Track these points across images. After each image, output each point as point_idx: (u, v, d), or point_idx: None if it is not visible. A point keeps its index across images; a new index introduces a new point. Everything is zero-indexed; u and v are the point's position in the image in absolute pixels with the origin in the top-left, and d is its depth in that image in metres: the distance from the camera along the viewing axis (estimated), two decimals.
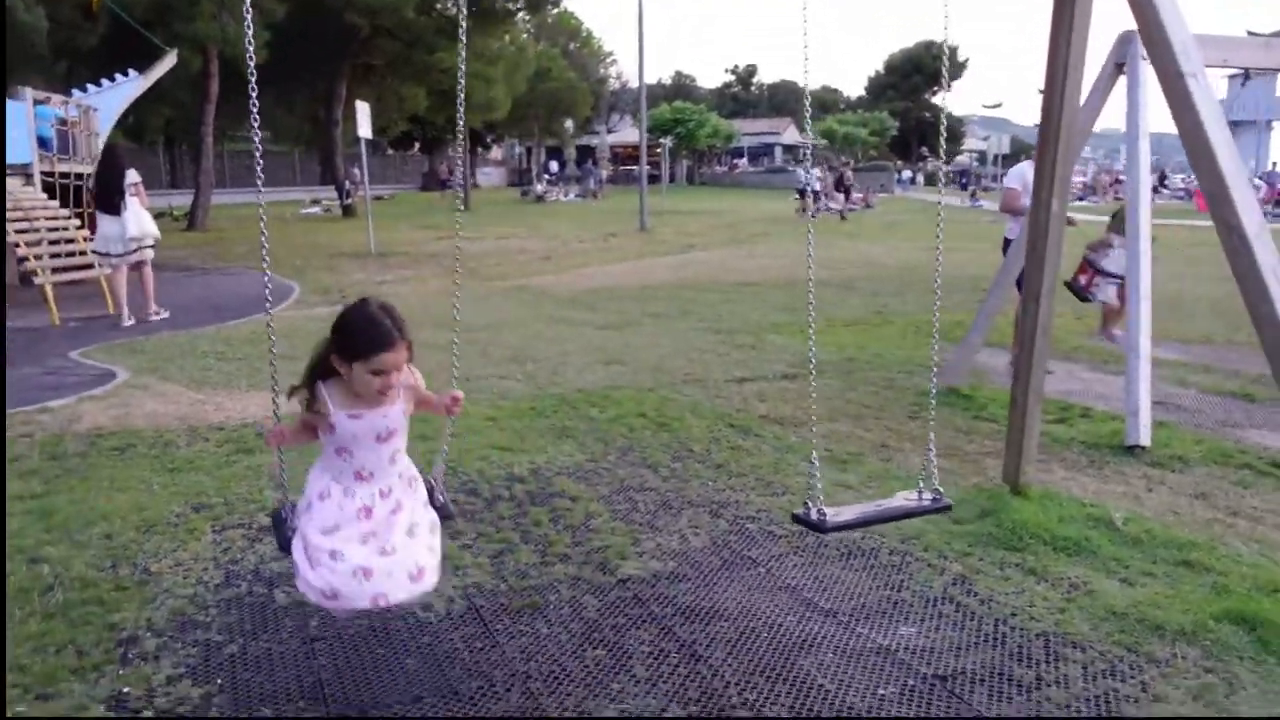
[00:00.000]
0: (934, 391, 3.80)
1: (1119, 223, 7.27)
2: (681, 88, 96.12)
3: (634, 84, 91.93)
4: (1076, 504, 4.46)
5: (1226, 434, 5.84)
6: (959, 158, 78.08)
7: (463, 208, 36.80)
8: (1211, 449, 5.40)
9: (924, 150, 75.26)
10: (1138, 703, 2.86)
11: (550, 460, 5.25)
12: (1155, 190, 50.23)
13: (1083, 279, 7.47)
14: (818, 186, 34.27)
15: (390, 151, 56.08)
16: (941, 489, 3.38)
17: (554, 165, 58.93)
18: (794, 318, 10.46)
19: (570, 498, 4.66)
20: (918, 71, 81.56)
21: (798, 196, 34.70)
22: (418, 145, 57.20)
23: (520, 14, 30.53)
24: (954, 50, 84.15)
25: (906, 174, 57.73)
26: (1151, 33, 3.18)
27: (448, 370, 3.10)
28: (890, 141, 71.55)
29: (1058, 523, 4.17)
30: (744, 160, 70.25)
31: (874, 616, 3.43)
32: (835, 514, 3.19)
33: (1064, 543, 3.99)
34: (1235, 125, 60.08)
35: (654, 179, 63.64)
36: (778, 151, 74.18)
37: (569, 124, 57.49)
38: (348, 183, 31.11)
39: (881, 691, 2.93)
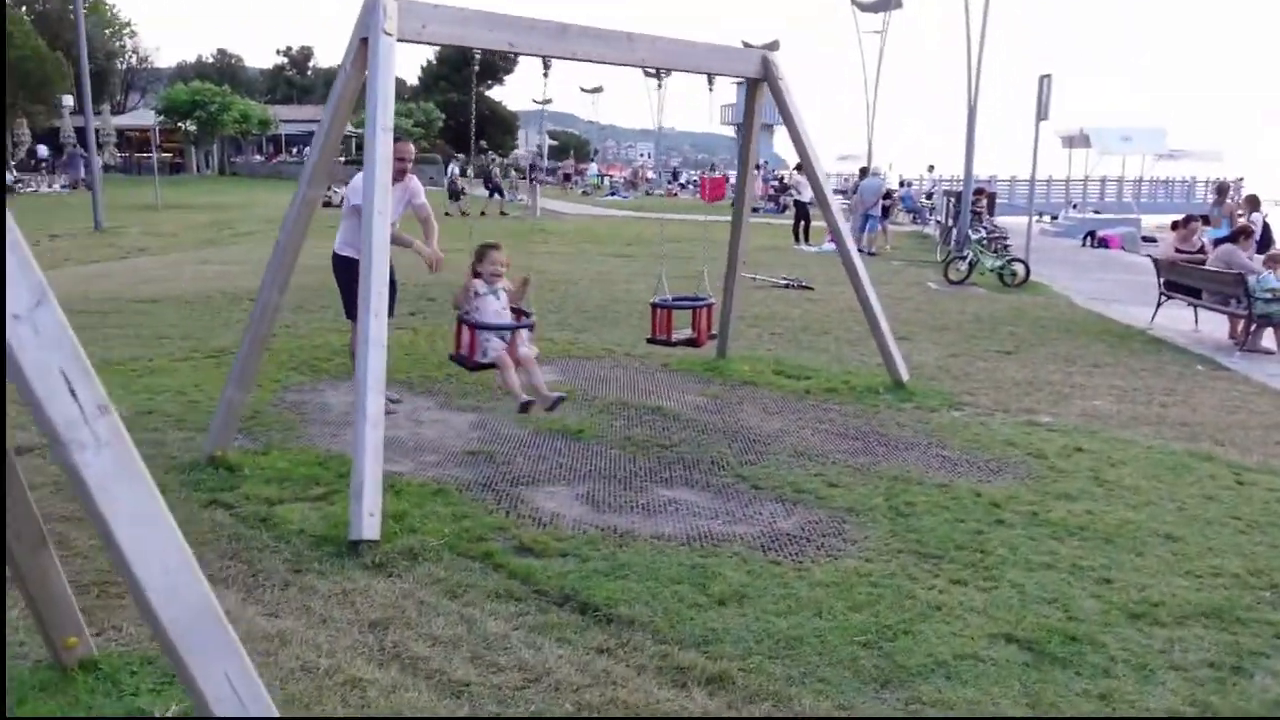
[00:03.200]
0: None
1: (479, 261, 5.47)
2: (226, 68, 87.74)
3: (158, 62, 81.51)
4: (147, 675, 2.96)
5: (483, 509, 4.79)
6: (517, 152, 79.24)
7: None
8: (461, 532, 4.27)
9: (483, 144, 75.55)
10: None
11: None
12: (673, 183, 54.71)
13: (463, 348, 5.34)
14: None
15: None
16: None
17: (43, 150, 50.23)
18: (150, 350, 8.34)
19: None
20: (469, 64, 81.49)
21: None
22: None
23: None
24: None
25: (452, 168, 56.80)
26: None
27: None
28: (441, 134, 70.71)
29: None
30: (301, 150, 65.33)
31: None
32: None
33: None
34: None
35: (178, 168, 56.99)
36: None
37: (69, 101, 49.08)
38: None
39: None
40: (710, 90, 6.47)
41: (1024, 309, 12.03)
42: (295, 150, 65.39)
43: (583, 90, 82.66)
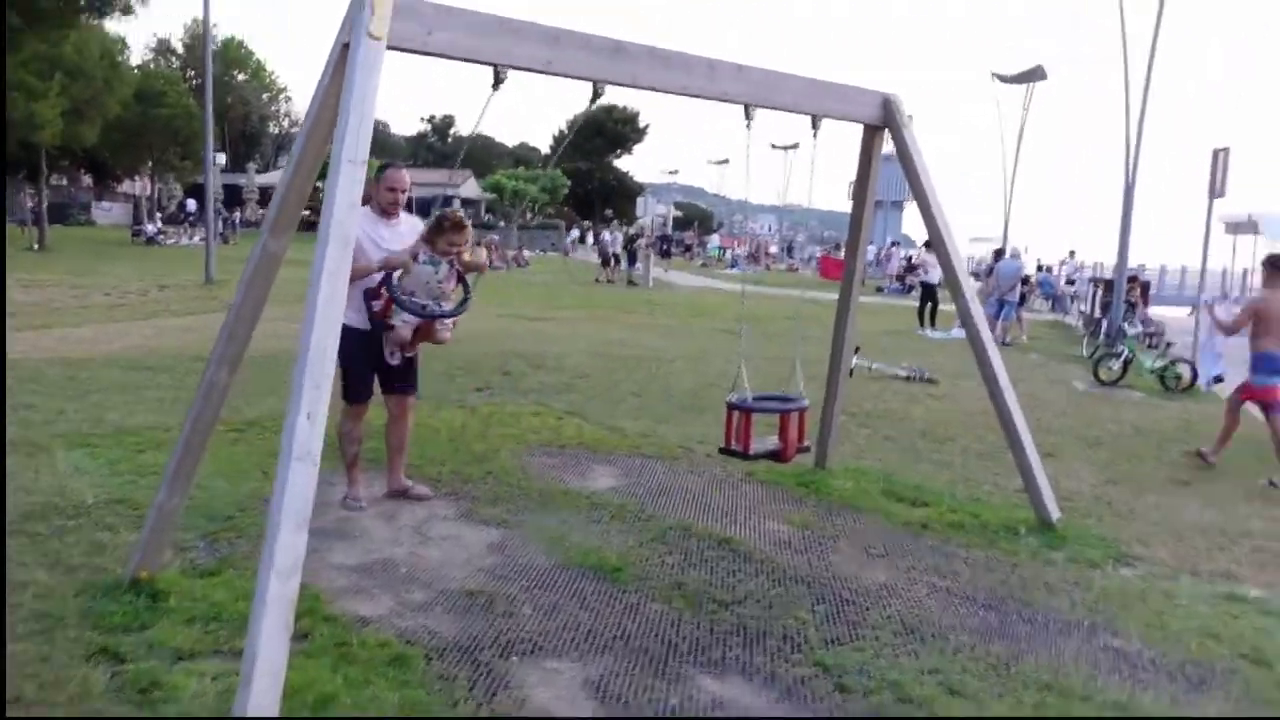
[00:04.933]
0: None
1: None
2: (375, 134, 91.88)
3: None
4: None
5: (446, 697, 3.47)
6: (641, 221, 79.60)
7: (35, 247, 30.82)
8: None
9: (609, 213, 76.17)
10: None
11: None
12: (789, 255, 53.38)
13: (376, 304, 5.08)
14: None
15: None
16: None
17: (191, 204, 52.86)
18: (177, 416, 7.45)
19: None
20: (599, 134, 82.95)
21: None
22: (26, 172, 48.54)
23: (84, 16, 25.48)
24: (634, 116, 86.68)
25: (574, 233, 57.03)
26: None
27: None
28: (567, 201, 71.64)
29: None
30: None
31: None
32: None
33: None
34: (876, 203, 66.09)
35: (313, 225, 59.23)
36: (456, 204, 72.01)
37: (221, 159, 51.93)
38: None
39: None
40: (814, 135, 5.14)
41: (1195, 422, 10.08)
42: (428, 211, 66.97)
43: (710, 163, 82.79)
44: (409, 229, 5.29)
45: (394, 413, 5.52)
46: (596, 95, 4.24)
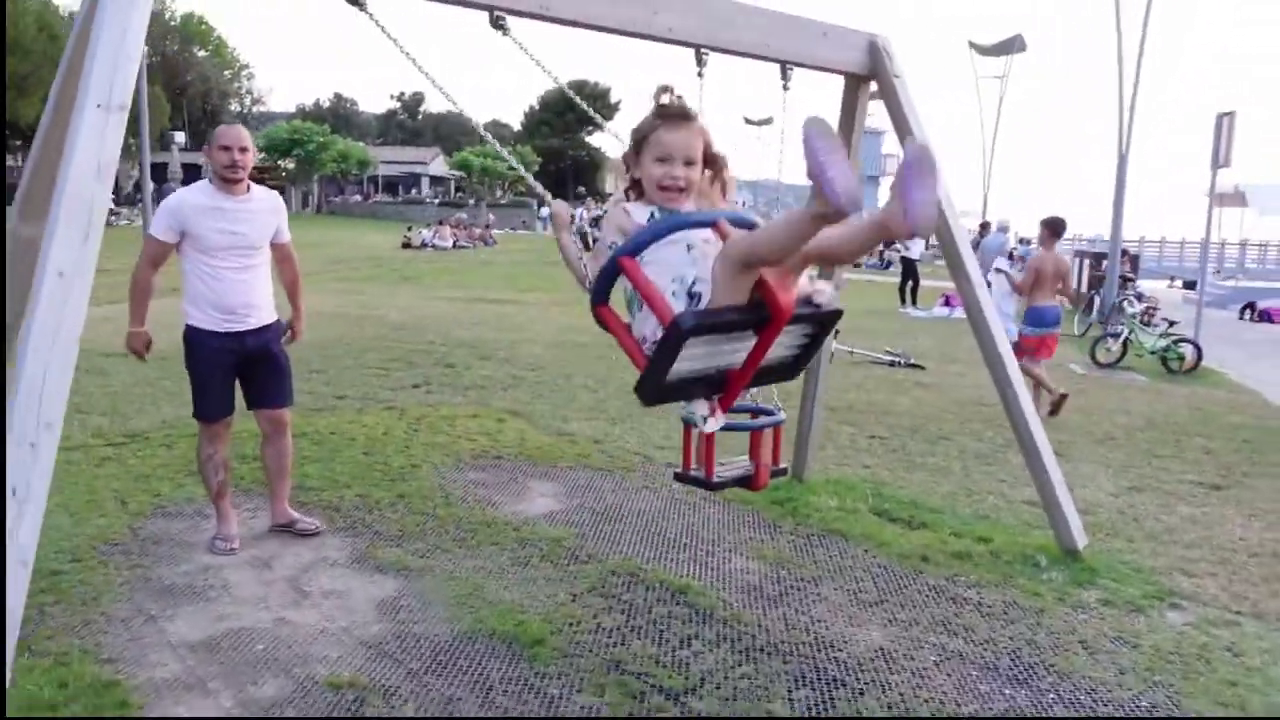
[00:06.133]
0: None
1: None
2: (342, 112, 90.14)
3: (273, 104, 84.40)
4: None
5: None
6: (615, 196, 77.84)
7: None
8: None
9: (580, 189, 74.81)
10: None
11: None
12: None
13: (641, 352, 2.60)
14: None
15: None
16: None
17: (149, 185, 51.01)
18: None
19: None
20: (570, 110, 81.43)
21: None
22: None
23: None
24: (606, 92, 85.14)
25: (544, 211, 55.77)
26: None
27: None
28: (536, 178, 70.24)
29: None
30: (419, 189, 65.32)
31: None
32: None
33: None
34: None
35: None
36: (424, 182, 70.65)
37: (180, 138, 50.33)
38: None
39: None
40: (785, 87, 4.08)
41: (1207, 409, 9.18)
42: (398, 190, 65.75)
43: None
44: (266, 206, 4.22)
45: (266, 431, 4.47)
46: (496, 25, 3.16)
